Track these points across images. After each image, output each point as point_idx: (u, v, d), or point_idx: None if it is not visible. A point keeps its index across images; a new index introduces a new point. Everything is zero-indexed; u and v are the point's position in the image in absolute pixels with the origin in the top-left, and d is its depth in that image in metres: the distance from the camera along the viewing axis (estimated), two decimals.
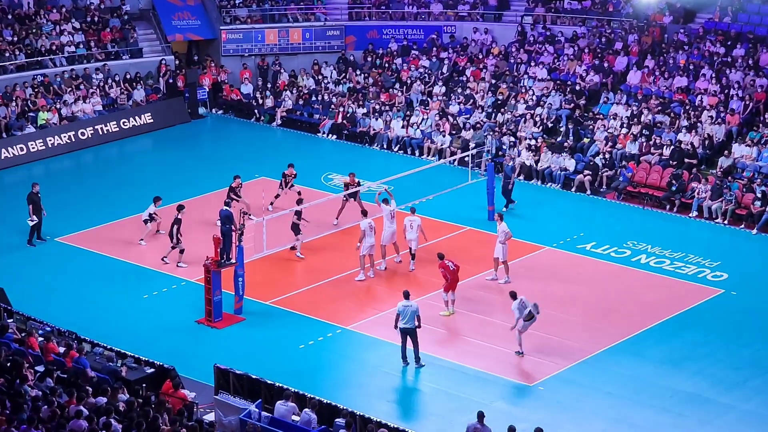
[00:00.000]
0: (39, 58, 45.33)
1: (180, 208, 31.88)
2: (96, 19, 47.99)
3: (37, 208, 33.36)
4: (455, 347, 27.64)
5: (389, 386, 26.08)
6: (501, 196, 35.90)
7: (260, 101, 46.88)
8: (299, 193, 33.51)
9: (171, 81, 46.70)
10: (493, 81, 45.39)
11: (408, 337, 26.28)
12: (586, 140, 40.55)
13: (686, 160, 38.16)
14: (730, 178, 36.99)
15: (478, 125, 41.86)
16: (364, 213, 31.61)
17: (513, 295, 26.83)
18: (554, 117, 42.52)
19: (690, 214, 36.24)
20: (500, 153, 39.34)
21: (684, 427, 24.24)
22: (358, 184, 34.73)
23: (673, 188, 36.77)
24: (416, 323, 26.15)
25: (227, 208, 30.67)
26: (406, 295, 26.38)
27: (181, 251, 31.73)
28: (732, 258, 32.89)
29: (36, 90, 43.94)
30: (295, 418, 21.45)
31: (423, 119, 43.21)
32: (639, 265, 32.39)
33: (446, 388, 25.71)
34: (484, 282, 30.54)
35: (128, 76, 46.48)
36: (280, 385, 22.72)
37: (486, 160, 37.07)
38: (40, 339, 23.96)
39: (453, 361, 26.89)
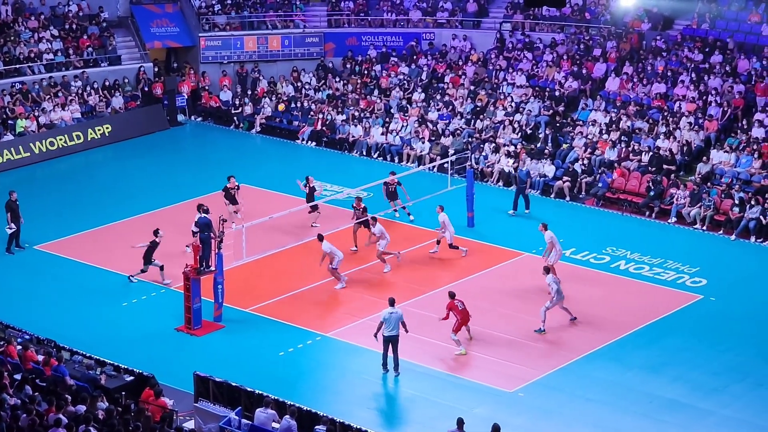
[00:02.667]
0: (17, 66, 45.14)
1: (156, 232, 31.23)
2: (74, 26, 47.83)
3: (15, 216, 33.21)
4: (436, 354, 27.60)
5: (370, 393, 26.05)
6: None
7: (239, 108, 46.83)
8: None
9: (146, 89, 46.62)
10: (472, 87, 45.44)
11: (390, 344, 26.24)
12: (565, 146, 40.64)
13: (665, 167, 38.27)
14: (708, 184, 37.08)
15: (458, 132, 41.91)
16: (374, 219, 32.04)
17: (546, 270, 28.85)
18: (533, 123, 42.59)
19: (669, 220, 36.34)
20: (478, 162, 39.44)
21: None
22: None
23: (652, 194, 36.88)
24: (401, 329, 26.08)
25: (205, 215, 30.58)
26: (392, 302, 26.33)
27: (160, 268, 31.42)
28: (711, 264, 32.97)
29: (14, 97, 43.75)
30: (275, 425, 21.42)
31: (402, 126, 43.22)
32: (618, 271, 32.45)
33: (426, 394, 25.69)
34: (462, 290, 30.45)
35: (107, 84, 46.34)
36: (260, 392, 22.69)
37: (468, 165, 37.02)
38: (19, 347, 23.84)
39: (433, 368, 26.88)
